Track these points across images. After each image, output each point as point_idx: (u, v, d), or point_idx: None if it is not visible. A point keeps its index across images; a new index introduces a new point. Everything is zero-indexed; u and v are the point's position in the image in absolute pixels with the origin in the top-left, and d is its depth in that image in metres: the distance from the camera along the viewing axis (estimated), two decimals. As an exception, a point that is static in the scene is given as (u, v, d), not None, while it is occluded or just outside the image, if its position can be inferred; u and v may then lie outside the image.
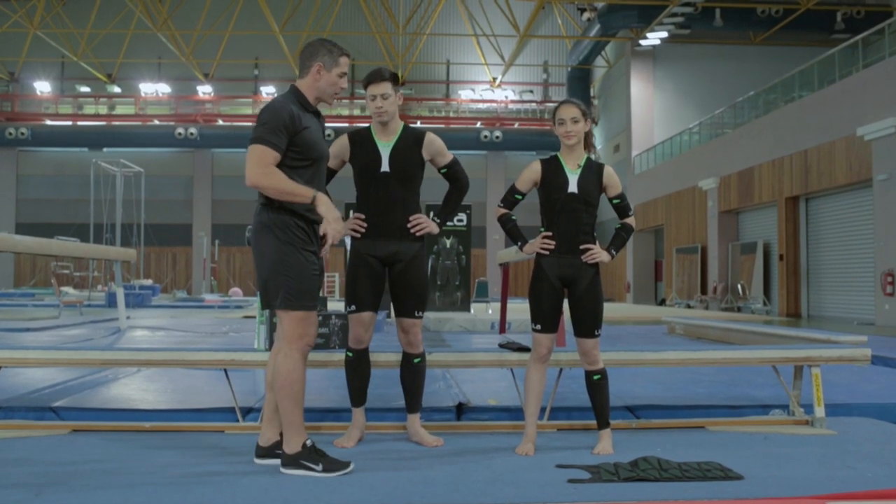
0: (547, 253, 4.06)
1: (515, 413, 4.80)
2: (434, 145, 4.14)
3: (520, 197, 4.19)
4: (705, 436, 4.39)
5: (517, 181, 4.19)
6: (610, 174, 4.15)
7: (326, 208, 3.56)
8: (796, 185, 19.43)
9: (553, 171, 4.09)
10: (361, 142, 4.12)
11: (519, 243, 4.19)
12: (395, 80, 4.07)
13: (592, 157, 4.23)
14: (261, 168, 3.55)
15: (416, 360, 4.17)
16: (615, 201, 4.18)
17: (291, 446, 3.51)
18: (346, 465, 3.50)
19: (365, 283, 4.07)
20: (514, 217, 4.24)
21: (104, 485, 3.28)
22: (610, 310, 22.71)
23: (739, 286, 22.46)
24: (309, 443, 3.53)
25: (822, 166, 18.27)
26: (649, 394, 5.51)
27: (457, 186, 4.24)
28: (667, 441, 4.20)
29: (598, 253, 4.05)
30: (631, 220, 4.22)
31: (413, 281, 4.10)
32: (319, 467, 3.46)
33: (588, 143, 4.16)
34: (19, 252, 7.94)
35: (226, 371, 4.54)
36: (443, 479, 3.41)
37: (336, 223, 3.55)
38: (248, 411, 4.67)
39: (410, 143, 4.11)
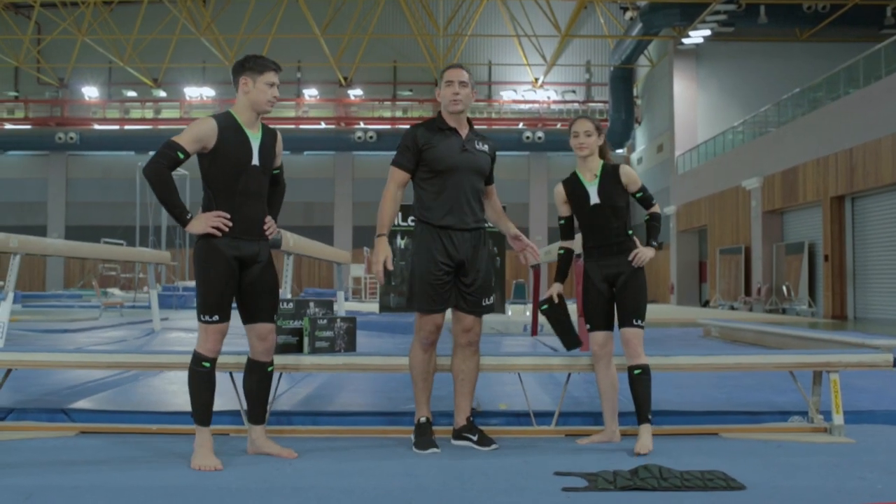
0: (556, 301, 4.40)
1: (525, 419, 4.72)
2: (282, 145, 4.04)
3: (563, 221, 4.46)
4: (717, 443, 4.27)
5: (557, 210, 4.48)
6: (626, 172, 4.31)
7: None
8: (841, 184, 18.99)
9: (574, 188, 4.37)
10: (230, 129, 3.83)
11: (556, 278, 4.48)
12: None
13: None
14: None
15: (269, 369, 4.00)
16: (637, 195, 4.32)
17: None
18: (434, 446, 4.00)
19: (230, 286, 3.82)
20: (561, 252, 4.52)
21: (96, 487, 3.28)
22: (651, 312, 22.44)
23: (784, 287, 22.03)
24: (423, 420, 4.12)
25: (868, 165, 17.82)
26: (666, 398, 5.38)
27: (281, 189, 4.12)
28: (676, 448, 4.09)
29: (642, 255, 4.20)
30: (656, 209, 4.36)
31: (273, 283, 3.95)
32: (413, 441, 4.06)
33: (604, 154, 4.37)
34: (50, 255, 8.06)
35: (231, 374, 4.52)
36: (436, 486, 3.36)
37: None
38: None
39: (270, 138, 3.95)
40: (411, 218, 4.31)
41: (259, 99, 3.85)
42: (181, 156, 3.72)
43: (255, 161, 3.85)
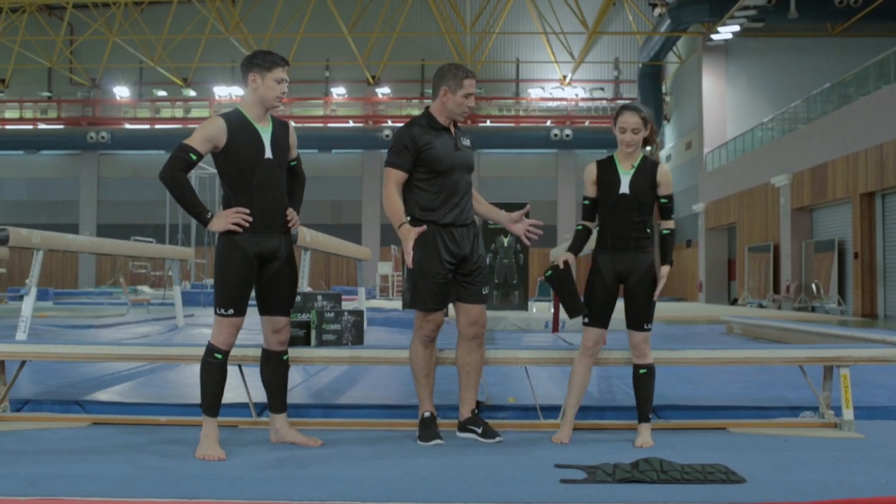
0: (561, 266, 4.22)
1: (532, 412, 4.72)
2: (295, 136, 4.08)
3: (587, 202, 4.30)
4: (724, 437, 4.25)
5: (584, 188, 4.32)
6: (664, 173, 4.21)
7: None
8: (871, 180, 18.72)
9: (607, 172, 4.22)
10: (239, 126, 3.88)
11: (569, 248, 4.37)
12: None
13: (649, 155, 4.29)
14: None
15: (285, 357, 4.07)
16: (663, 201, 4.22)
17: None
18: (437, 437, 4.01)
19: (248, 282, 3.88)
20: (579, 228, 4.31)
21: (101, 475, 3.33)
22: (677, 309, 22.32)
23: (814, 285, 21.77)
24: (427, 415, 4.12)
25: (899, 161, 17.57)
26: (677, 394, 5.36)
27: (300, 181, 4.17)
28: (682, 442, 4.08)
29: (662, 283, 4.15)
30: (673, 224, 4.27)
31: (291, 279, 4.00)
32: (418, 434, 4.07)
33: (651, 141, 4.23)
34: (72, 251, 8.18)
35: (240, 367, 4.57)
36: (433, 476, 3.37)
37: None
38: (263, 408, 4.67)
39: (282, 131, 4.00)
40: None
41: (268, 95, 3.89)
42: (194, 157, 3.77)
43: (269, 154, 3.88)
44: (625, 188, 4.14)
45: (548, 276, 4.29)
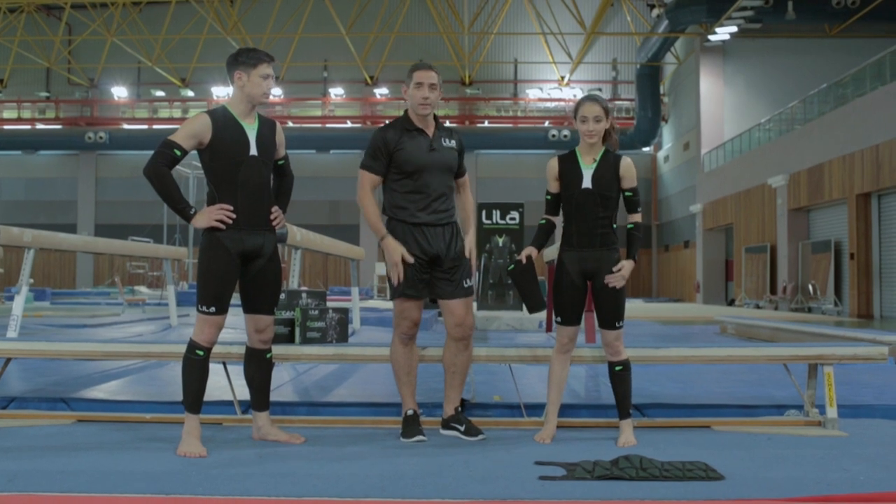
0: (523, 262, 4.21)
1: (517, 410, 4.72)
2: (283, 135, 4.08)
3: (550, 198, 4.26)
4: (707, 435, 4.25)
5: (547, 184, 4.27)
6: (627, 166, 4.14)
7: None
8: (867, 181, 18.73)
9: (569, 167, 4.16)
10: (224, 122, 3.86)
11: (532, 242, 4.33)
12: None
13: (611, 150, 4.22)
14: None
15: (268, 355, 4.08)
16: (627, 194, 4.16)
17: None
18: (420, 434, 4.01)
19: (230, 279, 3.86)
20: (542, 222, 4.30)
21: (81, 471, 3.33)
22: (674, 310, 22.35)
23: (810, 286, 21.78)
24: (409, 413, 4.12)
25: (895, 161, 17.56)
26: (665, 392, 5.37)
27: (288, 180, 4.18)
28: (664, 440, 4.08)
29: (619, 277, 4.05)
30: (639, 217, 4.20)
31: (276, 277, 4.01)
32: (401, 431, 4.07)
33: (611, 138, 4.18)
34: (63, 250, 8.18)
35: (224, 364, 4.57)
36: (413, 473, 3.37)
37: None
38: (248, 405, 4.66)
39: (268, 129, 3.99)
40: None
41: (254, 92, 3.89)
42: (178, 153, 3.78)
43: (254, 151, 3.88)
44: (587, 183, 4.08)
45: (510, 271, 4.29)
